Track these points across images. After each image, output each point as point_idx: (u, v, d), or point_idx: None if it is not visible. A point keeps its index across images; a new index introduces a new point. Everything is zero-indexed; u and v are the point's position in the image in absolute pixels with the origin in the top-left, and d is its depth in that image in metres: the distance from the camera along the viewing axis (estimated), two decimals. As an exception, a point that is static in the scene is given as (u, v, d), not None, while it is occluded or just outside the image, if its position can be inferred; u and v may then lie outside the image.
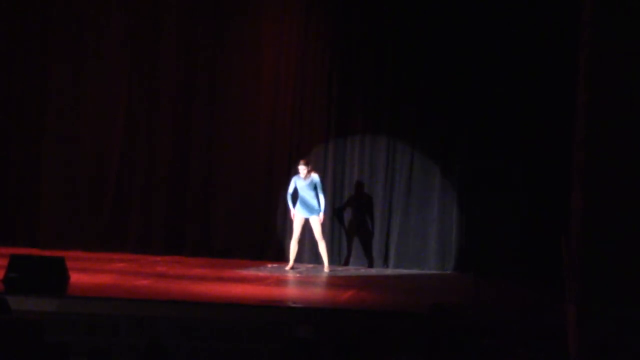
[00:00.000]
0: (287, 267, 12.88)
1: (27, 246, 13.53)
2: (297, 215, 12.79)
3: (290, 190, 12.86)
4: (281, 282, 11.72)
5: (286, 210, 13.47)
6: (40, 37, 14.43)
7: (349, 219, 14.07)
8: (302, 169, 12.78)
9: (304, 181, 12.75)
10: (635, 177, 8.39)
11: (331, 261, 13.59)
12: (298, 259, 13.59)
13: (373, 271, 13.47)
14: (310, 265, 13.63)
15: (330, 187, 14.02)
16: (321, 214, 12.75)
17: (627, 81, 8.41)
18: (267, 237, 14.15)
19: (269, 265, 13.35)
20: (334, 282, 12.10)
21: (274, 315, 9.15)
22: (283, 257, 13.87)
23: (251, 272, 12.49)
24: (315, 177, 12.78)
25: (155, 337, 8.16)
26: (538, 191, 13.23)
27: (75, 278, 9.96)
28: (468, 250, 13.62)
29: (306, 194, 12.76)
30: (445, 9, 13.66)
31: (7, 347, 6.33)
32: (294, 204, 12.81)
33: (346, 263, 13.89)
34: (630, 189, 8.39)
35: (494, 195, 13.49)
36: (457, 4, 13.63)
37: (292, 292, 10.87)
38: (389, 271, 13.53)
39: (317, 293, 11.28)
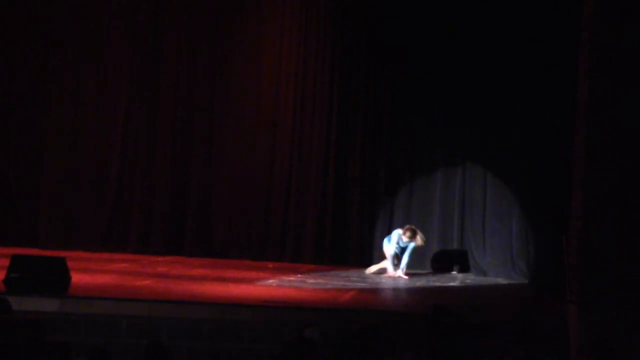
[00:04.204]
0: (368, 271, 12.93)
1: (27, 246, 13.51)
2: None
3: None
4: (282, 282, 11.72)
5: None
6: (41, 37, 14.42)
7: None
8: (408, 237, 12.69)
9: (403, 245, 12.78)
10: (635, 177, 8.39)
11: (332, 261, 13.67)
12: (300, 260, 13.70)
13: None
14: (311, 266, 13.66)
15: (331, 186, 14.04)
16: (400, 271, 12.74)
17: (628, 80, 8.41)
18: (267, 237, 14.15)
19: (270, 266, 13.36)
20: (335, 282, 12.08)
21: (275, 315, 9.16)
22: (283, 258, 13.90)
23: (252, 272, 12.49)
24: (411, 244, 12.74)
25: (156, 338, 8.17)
26: (538, 191, 13.19)
27: (77, 278, 9.95)
28: (469, 250, 13.63)
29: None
30: (446, 7, 13.63)
31: (8, 347, 6.34)
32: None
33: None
34: (630, 189, 8.39)
35: (494, 195, 13.49)
36: (458, 2, 13.59)
37: (295, 293, 10.87)
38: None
39: (320, 293, 11.25)
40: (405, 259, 12.61)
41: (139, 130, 14.46)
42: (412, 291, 11.89)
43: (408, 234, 12.58)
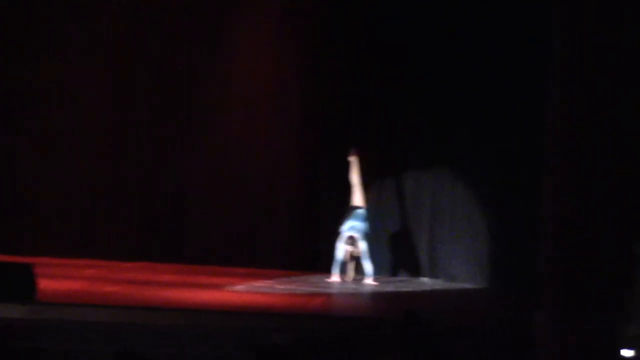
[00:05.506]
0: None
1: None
2: None
3: None
4: (252, 288, 11.73)
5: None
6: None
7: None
8: None
9: None
10: (604, 182, 8.44)
11: (303, 266, 13.65)
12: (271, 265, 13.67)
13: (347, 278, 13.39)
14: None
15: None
16: None
17: (592, 85, 8.45)
18: (240, 244, 14.08)
19: (241, 272, 13.32)
20: (305, 288, 12.08)
21: (246, 321, 9.15)
22: (254, 263, 13.84)
23: (222, 278, 12.46)
24: None
25: (125, 344, 8.13)
26: (508, 195, 13.00)
27: (45, 284, 9.88)
28: (440, 256, 13.59)
29: None
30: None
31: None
32: None
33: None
34: (600, 194, 8.43)
35: (464, 199, 13.43)
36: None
37: (265, 299, 10.87)
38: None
39: (290, 299, 11.26)
40: (366, 266, 12.58)
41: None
42: (382, 297, 11.89)
43: (349, 241, 12.59)
